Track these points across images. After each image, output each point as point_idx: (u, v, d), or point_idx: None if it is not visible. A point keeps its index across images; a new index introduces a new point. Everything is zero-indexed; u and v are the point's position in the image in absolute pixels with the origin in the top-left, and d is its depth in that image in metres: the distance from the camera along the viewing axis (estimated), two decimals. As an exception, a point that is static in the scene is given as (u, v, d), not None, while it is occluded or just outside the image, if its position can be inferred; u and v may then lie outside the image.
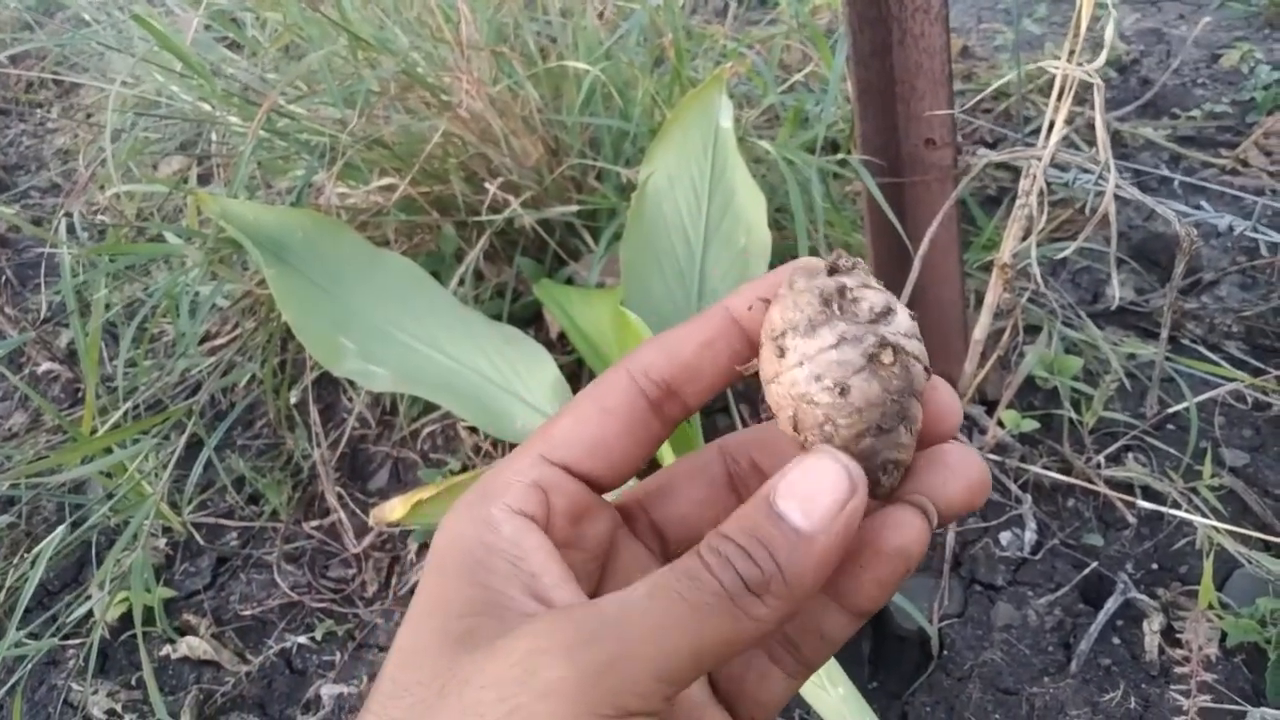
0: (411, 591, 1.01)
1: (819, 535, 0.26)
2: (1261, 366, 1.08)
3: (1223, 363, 1.08)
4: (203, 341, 1.25)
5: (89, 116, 1.65)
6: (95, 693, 0.97)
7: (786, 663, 0.31)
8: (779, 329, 0.29)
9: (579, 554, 0.32)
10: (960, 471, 0.29)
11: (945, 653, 0.86)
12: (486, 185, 1.05)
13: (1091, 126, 0.76)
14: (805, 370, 0.28)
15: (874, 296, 0.29)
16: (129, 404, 1.10)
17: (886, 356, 0.28)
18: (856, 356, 0.28)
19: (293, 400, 1.17)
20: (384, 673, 0.28)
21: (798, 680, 0.32)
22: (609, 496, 0.33)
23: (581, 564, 0.32)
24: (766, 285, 0.30)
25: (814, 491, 0.26)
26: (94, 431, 1.04)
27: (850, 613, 0.30)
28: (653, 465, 0.34)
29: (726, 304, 0.31)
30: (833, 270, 0.29)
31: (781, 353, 0.28)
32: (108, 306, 1.10)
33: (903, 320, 0.29)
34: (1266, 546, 0.87)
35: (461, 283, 1.07)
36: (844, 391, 0.28)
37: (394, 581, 1.02)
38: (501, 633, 0.26)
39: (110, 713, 0.96)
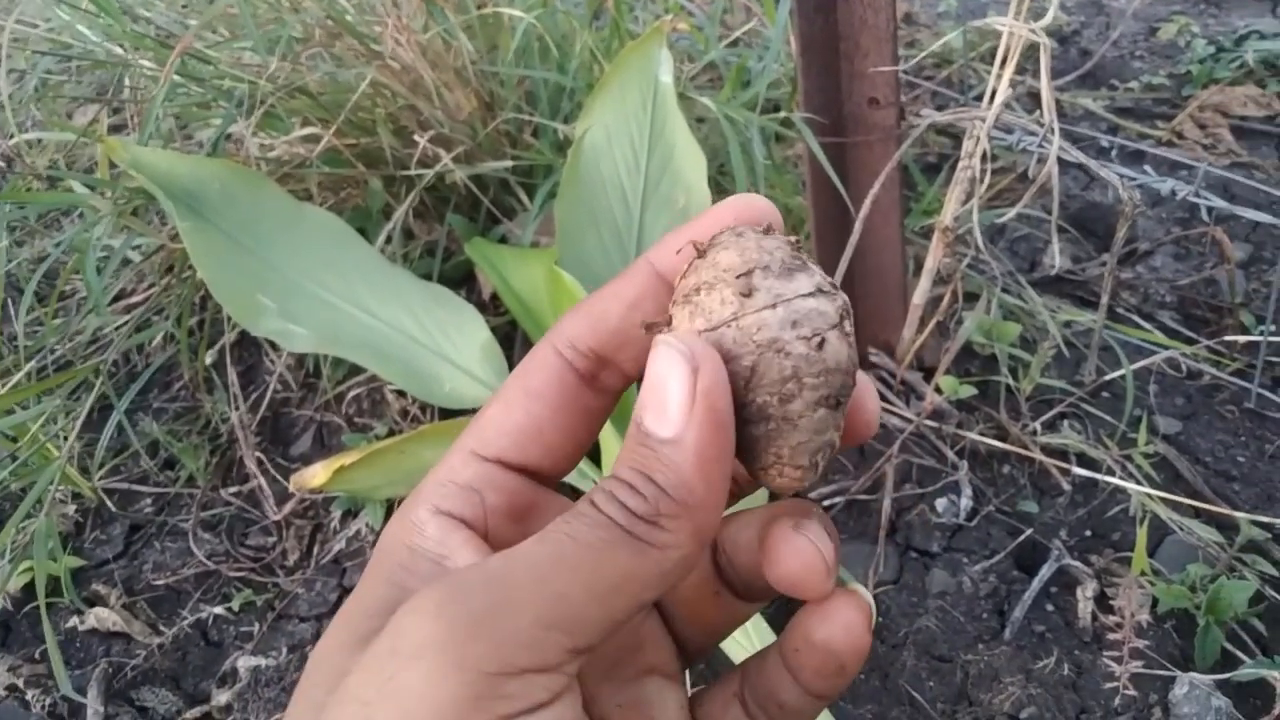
0: (334, 560, 0.97)
1: (684, 434, 0.23)
2: (1193, 336, 1.09)
3: (1157, 332, 1.09)
4: (118, 299, 1.19)
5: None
6: (-4, 666, 0.92)
7: None
8: (741, 268, 0.25)
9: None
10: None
11: (880, 620, 0.85)
12: (416, 138, 1.00)
13: (1033, 96, 0.75)
14: (779, 314, 0.24)
15: (813, 266, 0.26)
16: (32, 364, 1.04)
17: (848, 325, 0.26)
18: (833, 312, 0.25)
19: (210, 361, 1.12)
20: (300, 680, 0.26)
21: None
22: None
23: None
24: (693, 230, 0.27)
25: (661, 391, 0.24)
26: (-6, 392, 0.98)
27: (805, 691, 0.29)
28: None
29: (649, 258, 0.28)
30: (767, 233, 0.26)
31: (749, 292, 0.25)
32: (10, 260, 1.04)
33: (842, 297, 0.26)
34: (1197, 513, 0.88)
35: (389, 240, 1.03)
36: (821, 345, 0.24)
37: (316, 550, 0.99)
38: None
39: (11, 688, 0.91)
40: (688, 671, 0.33)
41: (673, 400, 0.23)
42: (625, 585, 0.23)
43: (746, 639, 0.71)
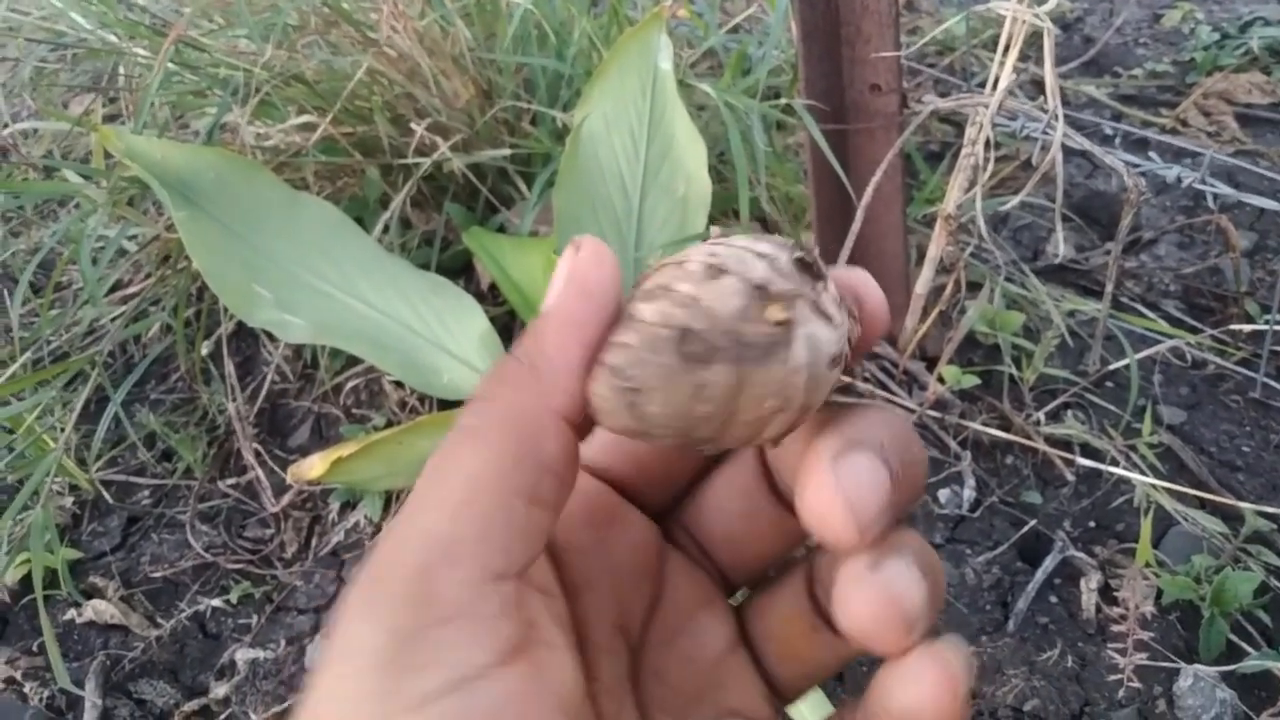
0: (333, 552, 0.97)
1: (551, 308, 0.24)
2: (1198, 325, 1.08)
3: (1161, 321, 1.08)
4: (114, 290, 1.18)
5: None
6: (-7, 659, 0.92)
7: None
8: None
9: (600, 561, 0.28)
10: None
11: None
12: (414, 127, 0.99)
13: (1036, 83, 0.73)
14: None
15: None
16: (28, 355, 1.03)
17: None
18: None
19: (207, 352, 1.11)
20: None
21: None
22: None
23: (612, 582, 0.28)
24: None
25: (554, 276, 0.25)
26: (-10, 383, 0.97)
27: None
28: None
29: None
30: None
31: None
32: (5, 250, 1.03)
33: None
34: (1202, 504, 0.87)
35: (386, 230, 1.02)
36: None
37: (314, 542, 0.98)
38: None
39: (9, 680, 0.90)
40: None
41: (554, 280, 0.24)
42: (514, 471, 0.23)
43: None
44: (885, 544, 0.23)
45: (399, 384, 1.05)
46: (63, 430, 0.95)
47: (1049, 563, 0.85)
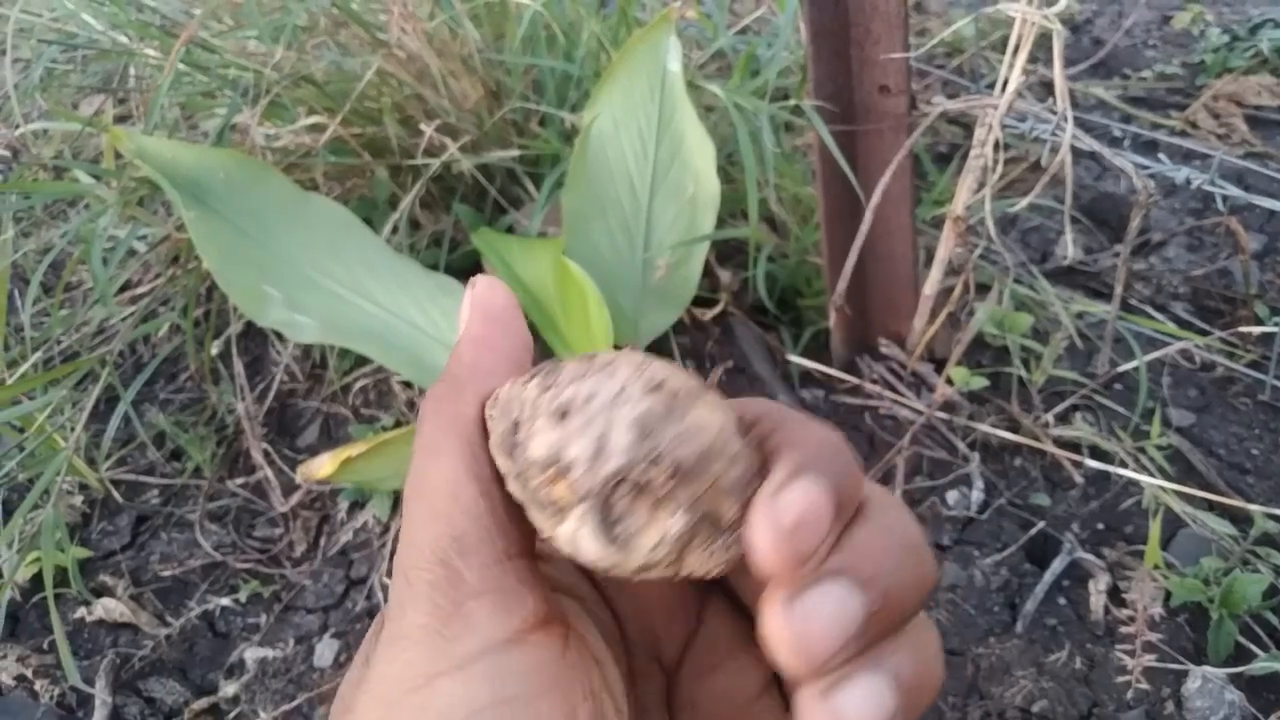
0: (341, 552, 0.97)
1: (463, 332, 0.30)
2: (1206, 328, 1.08)
3: (1170, 323, 1.08)
4: (124, 290, 1.19)
5: None
6: (4, 657, 0.92)
7: None
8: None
9: (630, 596, 0.31)
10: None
11: None
12: (423, 128, 1.00)
13: (1045, 85, 0.73)
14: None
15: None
16: (38, 354, 1.03)
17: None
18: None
19: (216, 352, 1.11)
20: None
21: None
22: None
23: (641, 613, 0.31)
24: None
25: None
26: (1, 383, 0.98)
27: None
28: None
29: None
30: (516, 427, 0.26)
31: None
32: (16, 250, 1.04)
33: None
34: (1210, 506, 0.87)
35: (395, 230, 1.02)
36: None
37: (323, 541, 0.98)
38: None
39: (20, 678, 0.91)
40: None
41: (461, 313, 0.29)
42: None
43: None
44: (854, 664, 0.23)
45: (407, 384, 1.06)
46: (73, 429, 0.95)
47: (1057, 564, 0.85)
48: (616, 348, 0.55)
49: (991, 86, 0.81)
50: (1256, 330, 0.99)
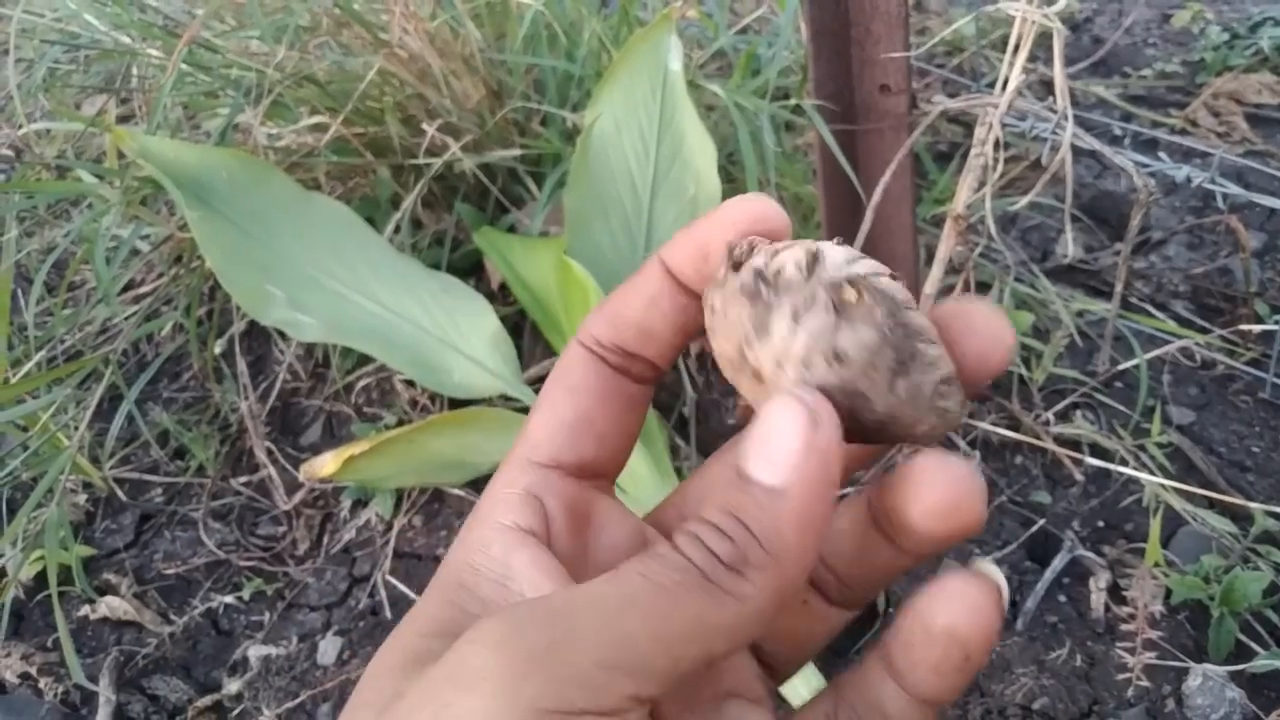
0: (344, 550, 0.97)
1: (790, 487, 0.22)
2: (1206, 326, 1.08)
3: (1170, 321, 1.08)
4: (127, 289, 1.19)
5: None
6: (8, 655, 0.92)
7: None
8: (732, 350, 0.26)
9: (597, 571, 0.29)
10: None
11: (891, 610, 0.85)
12: (425, 127, 1.00)
13: (1045, 83, 0.73)
14: (790, 372, 0.24)
15: (789, 254, 0.25)
16: (42, 353, 1.04)
17: (849, 294, 0.25)
18: (824, 317, 0.24)
19: (219, 351, 1.12)
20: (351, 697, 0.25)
21: None
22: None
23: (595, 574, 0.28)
24: (702, 230, 0.27)
25: (774, 440, 0.23)
26: (5, 381, 0.98)
27: (913, 696, 0.26)
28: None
29: (662, 257, 0.28)
30: (736, 265, 0.26)
31: (759, 377, 0.25)
32: (19, 250, 1.04)
33: (835, 255, 0.25)
34: (1211, 504, 0.87)
35: (397, 230, 1.02)
36: (841, 358, 0.24)
37: (326, 539, 0.99)
38: None
39: (24, 676, 0.91)
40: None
41: (784, 449, 0.22)
42: (696, 634, 0.22)
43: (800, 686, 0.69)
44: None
45: (410, 383, 1.06)
46: (76, 428, 0.96)
47: (1058, 562, 0.85)
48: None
49: (992, 85, 0.82)
50: (1257, 328, 0.99)
